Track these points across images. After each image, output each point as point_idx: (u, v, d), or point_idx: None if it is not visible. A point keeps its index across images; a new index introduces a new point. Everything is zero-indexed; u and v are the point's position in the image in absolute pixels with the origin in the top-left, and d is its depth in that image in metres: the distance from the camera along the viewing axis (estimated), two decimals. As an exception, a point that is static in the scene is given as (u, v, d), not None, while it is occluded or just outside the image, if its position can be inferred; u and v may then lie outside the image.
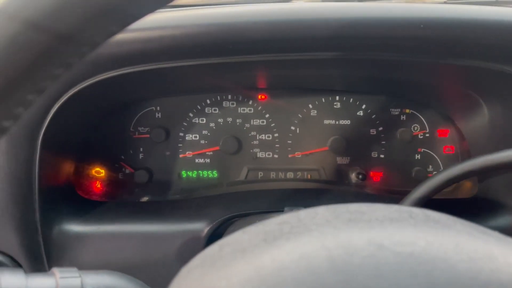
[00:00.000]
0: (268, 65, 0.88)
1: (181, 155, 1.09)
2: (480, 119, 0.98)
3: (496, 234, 0.40)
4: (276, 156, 1.11)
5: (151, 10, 0.34)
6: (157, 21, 0.77)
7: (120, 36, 0.75)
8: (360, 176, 1.05)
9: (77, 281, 0.52)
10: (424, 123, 1.11)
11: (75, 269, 0.54)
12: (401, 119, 1.11)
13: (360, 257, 0.33)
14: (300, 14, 0.70)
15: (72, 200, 0.93)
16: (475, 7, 0.70)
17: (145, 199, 1.02)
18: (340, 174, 1.11)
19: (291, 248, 0.36)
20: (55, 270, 0.53)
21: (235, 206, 0.91)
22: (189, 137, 1.08)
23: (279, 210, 0.86)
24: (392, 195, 1.07)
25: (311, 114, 1.10)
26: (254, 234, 0.40)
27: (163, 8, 0.69)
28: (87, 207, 0.92)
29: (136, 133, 1.07)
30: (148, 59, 0.79)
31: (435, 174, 0.77)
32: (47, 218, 0.83)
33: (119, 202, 1.00)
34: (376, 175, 1.12)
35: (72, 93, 0.78)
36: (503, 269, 0.33)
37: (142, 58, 0.78)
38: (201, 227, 0.86)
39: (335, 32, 0.68)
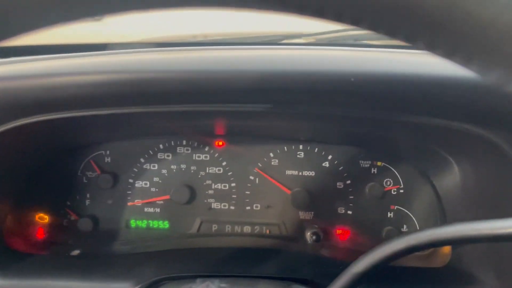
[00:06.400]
0: (215, 114, 0.81)
1: (129, 203, 1.01)
2: (453, 178, 0.87)
3: None
4: (232, 207, 1.02)
5: None
6: (86, 65, 0.71)
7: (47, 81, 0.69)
8: (314, 237, 0.94)
9: None
10: (397, 178, 1.00)
11: None
12: (372, 172, 1.00)
13: None
14: (223, 64, 0.63)
15: (-3, 250, 0.87)
16: (412, 56, 0.61)
17: (75, 252, 0.94)
18: (301, 230, 1.00)
19: None
20: None
21: (169, 266, 0.82)
22: (139, 184, 1.01)
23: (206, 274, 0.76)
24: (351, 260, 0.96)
25: (272, 163, 1.01)
26: None
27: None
28: (12, 259, 0.85)
29: (84, 178, 1.01)
30: (82, 105, 0.73)
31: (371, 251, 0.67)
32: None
33: (47, 255, 0.93)
34: (343, 234, 1.01)
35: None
36: None
37: (75, 104, 0.72)
38: (126, 287, 0.78)
39: (259, 83, 0.61)
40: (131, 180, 1.01)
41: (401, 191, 1.00)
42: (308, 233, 0.96)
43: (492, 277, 0.77)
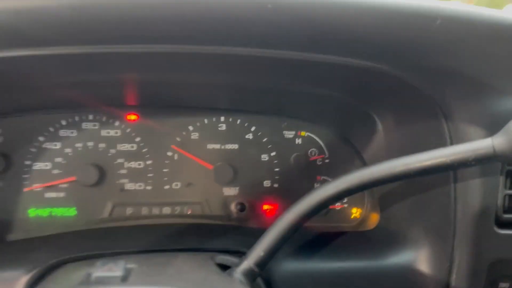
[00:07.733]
0: (136, 64, 0.70)
1: (26, 189, 0.88)
2: (377, 139, 0.85)
3: None
4: (149, 187, 0.92)
5: None
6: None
7: None
8: (239, 207, 0.88)
9: None
10: (322, 147, 0.97)
11: None
12: (296, 142, 0.97)
13: None
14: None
15: None
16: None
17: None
18: (226, 208, 0.93)
19: None
20: None
21: (71, 248, 0.70)
22: (37, 166, 0.88)
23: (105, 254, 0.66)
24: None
25: (192, 137, 0.94)
26: None
27: None
28: None
29: (-32, 161, 0.86)
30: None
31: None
32: None
33: None
34: (271, 208, 0.95)
35: None
36: None
37: None
38: (17, 275, 0.65)
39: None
40: (28, 162, 0.88)
41: (327, 160, 0.97)
42: (233, 205, 0.89)
43: (422, 234, 0.76)
